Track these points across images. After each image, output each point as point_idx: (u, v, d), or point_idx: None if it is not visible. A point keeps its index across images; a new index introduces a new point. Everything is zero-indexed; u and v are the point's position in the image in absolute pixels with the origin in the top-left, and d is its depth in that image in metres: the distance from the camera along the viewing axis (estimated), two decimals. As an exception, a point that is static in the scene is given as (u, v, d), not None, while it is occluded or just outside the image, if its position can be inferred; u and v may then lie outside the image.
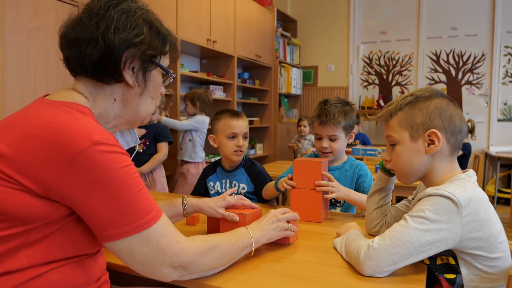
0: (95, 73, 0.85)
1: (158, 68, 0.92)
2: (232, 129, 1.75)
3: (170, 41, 0.94)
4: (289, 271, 0.97)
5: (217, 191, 1.86)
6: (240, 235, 0.99)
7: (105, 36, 0.81)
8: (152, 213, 0.78)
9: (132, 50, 0.84)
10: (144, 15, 0.88)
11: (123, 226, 0.75)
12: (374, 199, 1.24)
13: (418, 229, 0.90)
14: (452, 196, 0.90)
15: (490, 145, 5.11)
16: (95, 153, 0.72)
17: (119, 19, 0.83)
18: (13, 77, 2.14)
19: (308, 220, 1.42)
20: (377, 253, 0.92)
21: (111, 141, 0.76)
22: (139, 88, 0.89)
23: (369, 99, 5.69)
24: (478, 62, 5.16)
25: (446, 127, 1.00)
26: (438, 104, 1.01)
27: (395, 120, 1.05)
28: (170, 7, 3.35)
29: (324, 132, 1.64)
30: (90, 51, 0.82)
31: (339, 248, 1.08)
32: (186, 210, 1.21)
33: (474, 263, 0.94)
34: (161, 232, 0.79)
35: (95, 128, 0.76)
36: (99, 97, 0.88)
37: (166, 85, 0.99)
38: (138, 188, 0.77)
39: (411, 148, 1.03)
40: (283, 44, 5.52)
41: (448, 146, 1.01)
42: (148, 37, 0.86)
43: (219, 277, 0.93)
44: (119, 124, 0.94)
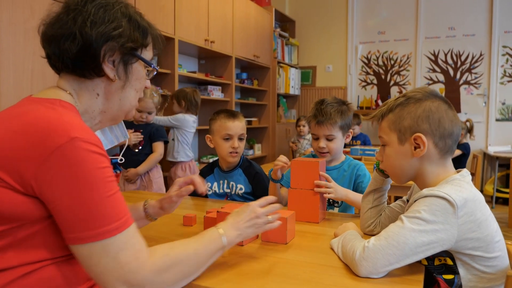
0: (75, 69, 0.85)
1: (141, 61, 0.91)
2: (227, 130, 1.74)
3: (152, 34, 0.93)
4: (287, 272, 0.96)
5: (214, 192, 1.85)
6: (210, 240, 0.90)
7: (82, 30, 0.81)
8: (118, 222, 0.74)
9: (111, 43, 0.84)
10: (123, 9, 0.87)
11: (86, 231, 0.72)
12: (369, 198, 1.24)
13: (414, 230, 0.90)
14: (448, 197, 0.89)
15: (489, 145, 5.11)
16: (71, 150, 0.71)
17: (96, 13, 0.83)
18: (9, 78, 2.13)
19: (306, 220, 1.41)
20: (373, 254, 0.91)
21: (91, 140, 0.75)
22: (120, 81, 0.89)
23: (367, 99, 5.69)
24: (476, 62, 5.17)
25: (434, 131, 0.99)
26: (427, 107, 1.00)
27: (386, 122, 1.06)
28: (168, 8, 3.34)
29: (321, 132, 1.64)
30: (68, 47, 0.82)
31: (336, 249, 1.07)
32: (148, 213, 1.14)
33: (472, 263, 0.94)
34: (123, 245, 0.74)
35: (76, 125, 0.75)
36: (82, 93, 0.88)
37: (150, 78, 0.98)
38: (109, 192, 0.74)
39: (399, 151, 1.04)
40: (281, 44, 5.51)
41: (436, 150, 1.00)
42: (127, 29, 0.86)
43: (213, 278, 0.93)
44: (104, 120, 0.93)
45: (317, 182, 1.40)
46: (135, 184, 2.56)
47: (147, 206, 1.15)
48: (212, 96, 4.13)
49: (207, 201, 1.79)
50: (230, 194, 1.82)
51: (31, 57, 2.22)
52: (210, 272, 0.96)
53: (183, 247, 0.85)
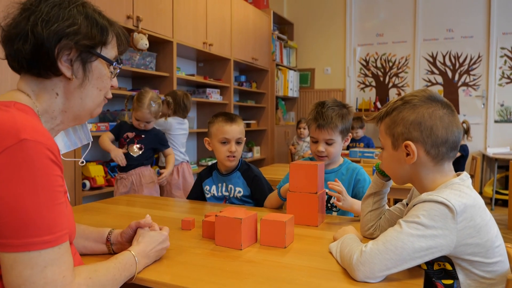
0: (31, 68, 0.84)
1: (102, 60, 0.90)
2: (224, 134, 1.73)
3: (114, 31, 0.92)
4: (285, 277, 0.96)
5: (213, 195, 1.84)
6: (126, 267, 0.91)
7: (34, 29, 0.80)
8: (52, 236, 0.71)
9: (65, 41, 0.82)
10: (79, 7, 0.85)
11: (15, 238, 0.69)
12: (369, 201, 1.23)
13: (412, 235, 0.89)
14: (447, 202, 0.89)
15: (487, 147, 5.11)
16: (20, 151, 0.69)
17: (50, 11, 0.82)
18: (6, 83, 2.13)
19: (305, 223, 1.40)
20: (370, 258, 0.90)
21: (45, 144, 0.72)
22: (78, 79, 0.87)
23: (366, 102, 5.69)
24: (475, 63, 5.18)
25: (425, 138, 0.97)
26: (420, 113, 0.98)
27: (383, 125, 1.06)
28: (166, 11, 3.34)
29: (321, 136, 1.63)
30: (21, 47, 0.81)
31: (334, 253, 1.07)
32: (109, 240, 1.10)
33: (471, 269, 0.93)
34: (52, 260, 0.71)
35: (29, 127, 0.73)
36: (42, 93, 0.86)
37: (114, 76, 0.96)
38: (52, 202, 0.72)
39: (393, 156, 1.04)
40: (279, 46, 5.52)
41: (428, 157, 0.99)
42: (83, 27, 0.84)
43: (212, 284, 0.92)
44: (66, 120, 0.91)
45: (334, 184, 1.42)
46: (126, 187, 2.55)
47: (111, 234, 1.11)
48: (210, 98, 4.13)
49: (205, 205, 1.78)
50: (229, 197, 1.82)
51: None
52: (209, 277, 0.95)
53: (105, 271, 0.84)
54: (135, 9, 3.00)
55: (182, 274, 0.97)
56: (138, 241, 1.02)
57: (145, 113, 2.46)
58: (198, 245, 1.19)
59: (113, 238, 1.09)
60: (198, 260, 1.07)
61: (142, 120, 2.51)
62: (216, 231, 1.18)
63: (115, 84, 0.97)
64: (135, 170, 2.55)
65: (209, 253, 1.12)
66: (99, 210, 1.66)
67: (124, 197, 2.03)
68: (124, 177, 2.55)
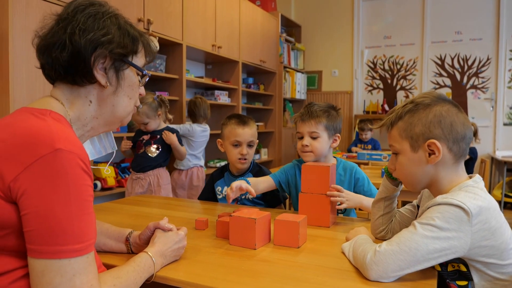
0: (67, 76, 0.87)
1: (132, 68, 0.93)
2: (236, 137, 1.75)
3: (143, 41, 0.95)
4: (300, 276, 0.97)
5: (224, 196, 1.86)
6: (144, 269, 0.94)
7: (72, 38, 0.84)
8: (82, 244, 0.73)
9: (100, 50, 0.86)
10: (112, 18, 0.89)
11: (47, 245, 0.71)
12: (380, 205, 1.23)
13: (426, 237, 0.89)
14: (462, 205, 0.89)
15: (496, 150, 5.09)
16: (54, 161, 0.71)
17: (86, 21, 0.85)
18: (22, 84, 2.17)
19: (316, 224, 1.42)
20: (384, 259, 0.91)
21: (78, 154, 0.75)
22: (112, 87, 0.91)
23: (373, 104, 5.69)
24: (483, 66, 5.16)
25: (447, 135, 0.97)
26: (437, 112, 0.98)
27: (396, 130, 1.04)
28: (176, 14, 3.38)
29: (305, 129, 1.59)
30: (59, 55, 0.85)
31: (347, 253, 1.08)
32: (129, 241, 1.12)
33: (485, 270, 0.94)
34: (80, 269, 0.73)
35: (64, 137, 0.75)
36: (75, 101, 0.90)
37: (143, 84, 0.99)
38: (82, 212, 0.74)
39: (412, 159, 1.02)
40: (287, 49, 5.54)
41: (450, 154, 0.99)
42: (117, 36, 0.88)
43: (228, 282, 0.94)
44: (97, 126, 0.94)
45: (331, 192, 1.40)
46: (143, 187, 2.58)
47: (131, 234, 1.13)
48: (219, 101, 4.16)
49: (217, 205, 1.80)
50: (240, 198, 1.83)
51: (43, 63, 2.25)
52: (225, 275, 0.97)
53: (126, 276, 0.87)
54: (145, 12, 3.03)
55: (198, 273, 0.99)
56: (154, 241, 1.04)
57: (134, 116, 2.50)
58: (213, 245, 1.21)
59: (132, 238, 1.12)
60: (214, 259, 1.09)
61: (137, 122, 2.57)
62: (231, 231, 1.20)
63: (143, 92, 1.01)
64: (153, 171, 2.59)
65: (224, 253, 1.14)
66: (113, 210, 1.69)
67: (137, 197, 2.06)
68: (141, 177, 2.58)
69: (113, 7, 0.93)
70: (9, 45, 2.09)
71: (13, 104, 2.12)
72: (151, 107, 2.56)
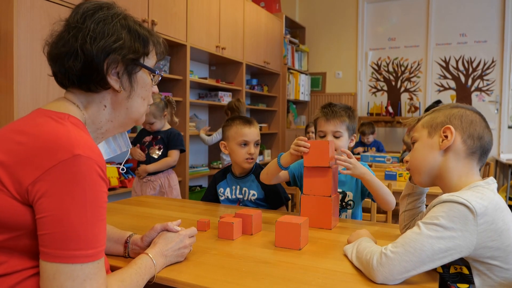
0: (81, 84, 0.87)
1: (144, 69, 0.94)
2: (243, 136, 1.76)
3: (153, 40, 0.95)
4: (301, 278, 0.97)
5: (227, 197, 1.86)
6: (146, 271, 0.94)
7: (83, 47, 0.84)
8: (94, 250, 0.75)
9: (112, 56, 0.86)
10: (122, 21, 0.89)
11: (61, 249, 0.72)
12: (404, 202, 1.27)
13: (431, 237, 0.89)
14: (467, 203, 0.88)
15: (501, 152, 5.06)
16: (73, 166, 0.72)
17: (96, 28, 0.85)
18: (26, 84, 2.18)
19: (318, 226, 1.42)
20: (390, 261, 0.91)
21: (96, 160, 0.76)
22: (126, 91, 0.91)
23: (377, 106, 5.68)
24: (488, 68, 5.13)
25: (464, 128, 1.02)
26: (461, 111, 1.04)
27: (420, 122, 1.12)
28: (180, 15, 3.39)
29: (329, 128, 1.63)
30: (72, 64, 0.85)
31: (350, 255, 1.07)
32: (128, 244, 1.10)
33: (488, 274, 0.93)
34: (91, 274, 0.74)
35: (83, 142, 0.76)
36: (90, 106, 0.90)
37: (156, 83, 1.00)
38: (97, 218, 0.75)
39: (426, 144, 1.07)
40: (291, 50, 5.54)
41: (464, 146, 1.01)
42: (127, 41, 0.88)
43: (229, 283, 0.94)
44: (111, 129, 0.95)
45: (338, 156, 1.42)
46: (154, 189, 2.59)
47: (131, 237, 1.12)
48: (222, 102, 4.16)
49: (219, 207, 1.80)
50: (243, 200, 1.83)
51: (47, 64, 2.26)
52: (226, 277, 0.97)
53: (130, 279, 0.88)
54: (150, 13, 3.04)
55: (199, 274, 0.99)
56: (155, 242, 1.04)
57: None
58: (214, 246, 1.21)
59: (131, 241, 1.11)
60: (215, 261, 1.09)
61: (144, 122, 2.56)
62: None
63: (156, 90, 1.01)
64: (163, 173, 2.60)
65: (226, 254, 1.14)
66: (115, 210, 1.69)
67: (140, 198, 2.06)
68: (152, 179, 2.59)
69: (121, 7, 0.93)
70: (13, 45, 2.11)
71: (17, 104, 2.13)
72: (158, 107, 2.58)
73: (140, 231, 1.16)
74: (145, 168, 2.56)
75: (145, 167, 2.57)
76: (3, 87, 2.15)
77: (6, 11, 2.12)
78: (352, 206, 1.67)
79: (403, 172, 2.82)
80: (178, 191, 2.67)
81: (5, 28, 2.13)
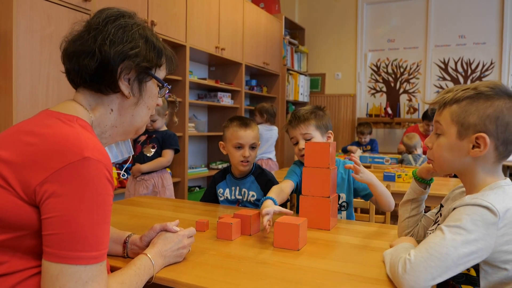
0: (93, 84, 0.89)
1: (154, 80, 0.96)
2: (238, 139, 1.76)
3: (166, 55, 0.98)
4: (299, 279, 0.97)
5: (226, 198, 1.87)
6: (145, 272, 0.94)
7: (102, 48, 0.86)
8: (98, 252, 0.75)
9: (127, 62, 0.89)
10: (141, 31, 0.92)
11: (65, 250, 0.72)
12: (407, 208, 1.22)
13: (455, 240, 0.86)
14: (491, 206, 0.86)
15: (499, 154, 5.06)
16: (82, 168, 0.73)
17: (116, 33, 0.88)
18: (25, 84, 2.18)
19: (317, 227, 1.42)
20: (415, 267, 0.86)
21: (104, 163, 0.77)
22: (134, 98, 0.94)
23: (376, 107, 5.68)
24: (487, 70, 5.14)
25: (499, 134, 0.93)
26: (498, 107, 0.93)
27: (448, 111, 0.99)
28: (180, 15, 3.39)
29: (297, 132, 1.65)
30: (87, 63, 0.87)
31: (387, 262, 1.00)
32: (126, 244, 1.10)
33: (494, 278, 0.91)
34: (94, 276, 0.75)
35: (92, 145, 0.77)
36: (98, 108, 0.92)
37: (162, 96, 1.02)
38: (102, 220, 0.76)
39: (454, 145, 0.98)
40: (290, 51, 5.54)
41: (495, 153, 0.96)
42: (143, 50, 0.91)
43: (228, 284, 0.94)
44: (115, 134, 0.97)
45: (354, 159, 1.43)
46: (147, 188, 2.59)
47: (129, 237, 1.12)
48: (222, 102, 4.16)
49: (218, 207, 1.81)
50: (242, 200, 1.84)
51: (47, 64, 2.26)
52: (224, 277, 0.98)
53: (129, 280, 0.88)
54: (150, 13, 3.05)
55: (198, 274, 0.99)
56: (154, 242, 1.04)
57: None
58: (213, 247, 1.21)
59: (130, 241, 1.11)
60: (214, 261, 1.09)
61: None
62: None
63: (160, 103, 1.03)
64: (157, 173, 2.60)
65: (224, 254, 1.14)
66: (114, 211, 1.69)
67: (138, 198, 2.06)
68: (145, 178, 2.59)
69: (141, 18, 0.96)
70: (12, 45, 2.11)
71: (16, 104, 2.13)
72: (163, 106, 2.60)
73: (139, 231, 1.16)
74: (139, 167, 2.57)
75: (139, 166, 2.57)
76: (2, 87, 2.15)
77: (5, 11, 2.12)
78: (346, 208, 1.68)
79: (401, 173, 2.83)
80: (171, 191, 2.66)
81: (5, 28, 2.13)
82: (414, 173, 1.21)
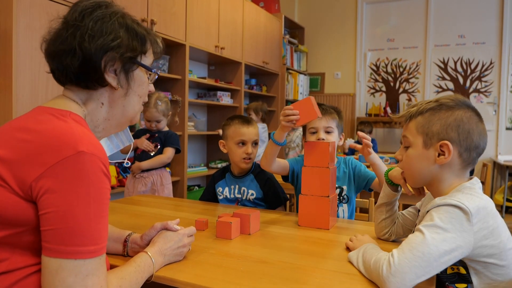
0: (79, 82, 0.88)
1: (141, 67, 0.94)
2: (241, 136, 1.76)
3: (150, 39, 0.96)
4: (299, 277, 0.97)
5: (225, 197, 1.87)
6: (144, 269, 0.94)
7: (82, 45, 0.84)
8: (97, 246, 0.75)
9: (110, 54, 0.87)
10: (120, 19, 0.89)
11: (63, 245, 0.72)
12: (382, 210, 1.25)
13: (435, 239, 0.88)
14: (461, 204, 0.90)
15: (499, 154, 5.07)
16: (77, 163, 0.73)
17: (94, 26, 0.85)
18: (25, 82, 2.18)
19: (316, 227, 1.42)
20: (400, 268, 0.88)
21: (99, 157, 0.76)
22: (123, 89, 0.92)
23: (376, 107, 5.69)
24: (486, 70, 5.15)
25: (461, 141, 0.99)
26: (459, 116, 0.99)
27: (414, 124, 1.05)
28: (180, 14, 3.39)
29: (321, 124, 1.66)
30: (70, 62, 0.85)
31: (356, 263, 1.04)
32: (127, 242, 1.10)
33: (485, 272, 0.94)
34: (93, 270, 0.74)
35: (86, 139, 0.77)
36: (88, 103, 0.91)
37: (152, 82, 1.01)
38: (99, 214, 0.75)
39: (421, 154, 1.04)
40: (290, 51, 5.54)
41: (459, 160, 1.00)
42: (125, 40, 0.89)
43: (227, 283, 0.94)
44: (108, 127, 0.96)
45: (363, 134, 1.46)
46: (145, 186, 2.59)
47: (130, 236, 1.12)
48: (221, 101, 4.16)
49: (218, 206, 1.81)
50: (241, 199, 1.84)
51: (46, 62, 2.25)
52: (224, 276, 0.98)
53: (129, 277, 0.88)
54: (149, 12, 3.04)
55: (197, 273, 0.99)
56: (154, 241, 1.04)
57: (153, 112, 2.53)
58: (212, 246, 1.21)
59: (130, 240, 1.11)
60: (213, 260, 1.09)
61: (152, 119, 2.57)
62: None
63: (152, 89, 1.02)
64: (156, 171, 2.60)
65: (224, 253, 1.14)
66: (114, 209, 1.69)
67: (138, 197, 2.06)
68: (144, 176, 2.59)
69: (119, 5, 0.93)
70: (12, 44, 2.10)
71: (16, 102, 2.13)
72: (168, 106, 2.61)
73: (139, 230, 1.17)
74: (138, 165, 2.58)
75: (138, 164, 2.58)
76: (2, 85, 2.14)
77: (5, 9, 2.12)
78: (347, 200, 1.70)
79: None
80: (170, 190, 2.66)
81: (4, 26, 2.12)
82: (386, 175, 1.23)
